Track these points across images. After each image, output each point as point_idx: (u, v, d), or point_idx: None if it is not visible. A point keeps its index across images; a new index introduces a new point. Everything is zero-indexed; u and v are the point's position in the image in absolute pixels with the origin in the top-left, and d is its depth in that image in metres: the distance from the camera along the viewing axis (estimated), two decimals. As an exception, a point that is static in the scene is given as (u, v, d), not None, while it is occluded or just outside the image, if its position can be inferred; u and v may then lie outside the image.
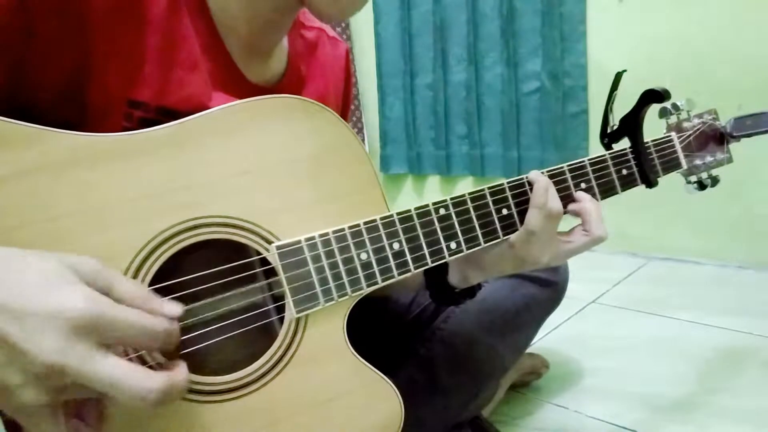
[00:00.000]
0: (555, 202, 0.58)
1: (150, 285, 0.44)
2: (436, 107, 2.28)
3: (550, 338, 1.25)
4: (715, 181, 0.73)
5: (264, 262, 0.49)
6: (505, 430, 0.92)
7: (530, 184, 0.60)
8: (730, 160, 0.74)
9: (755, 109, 0.76)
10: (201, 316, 0.48)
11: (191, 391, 0.45)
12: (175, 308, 0.38)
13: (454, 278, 0.64)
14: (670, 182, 0.78)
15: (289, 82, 0.64)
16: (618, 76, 0.68)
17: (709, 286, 1.57)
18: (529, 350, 1.00)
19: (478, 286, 0.67)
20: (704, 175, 0.74)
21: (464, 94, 2.20)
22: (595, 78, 1.89)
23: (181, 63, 0.52)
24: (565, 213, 0.60)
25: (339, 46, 0.74)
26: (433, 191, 2.42)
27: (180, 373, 0.37)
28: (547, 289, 0.86)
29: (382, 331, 0.79)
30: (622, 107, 0.68)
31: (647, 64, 1.74)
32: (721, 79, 1.61)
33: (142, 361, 0.43)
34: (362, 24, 2.47)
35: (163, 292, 0.44)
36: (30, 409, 0.33)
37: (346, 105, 0.76)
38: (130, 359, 0.34)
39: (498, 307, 0.80)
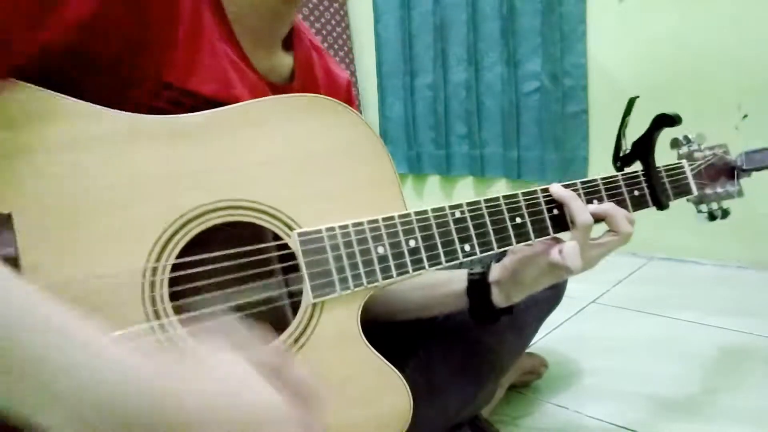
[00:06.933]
0: (584, 216, 0.60)
1: (177, 258, 0.46)
2: (436, 107, 2.28)
3: (550, 338, 1.25)
4: (725, 213, 0.75)
5: (284, 254, 0.51)
6: (505, 430, 0.92)
7: (544, 195, 0.62)
8: (740, 194, 0.75)
9: (755, 109, 0.76)
10: (219, 303, 0.49)
11: None
12: None
13: (497, 298, 0.67)
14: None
15: (302, 86, 0.67)
16: (631, 102, 0.69)
17: (709, 286, 1.57)
18: (528, 350, 1.00)
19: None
20: (714, 206, 0.75)
21: (464, 94, 2.20)
22: (595, 78, 1.89)
23: (204, 49, 0.54)
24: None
25: (341, 73, 0.76)
26: (433, 191, 2.43)
27: None
28: (546, 289, 0.85)
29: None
30: (620, 103, 0.69)
31: (647, 64, 1.74)
32: (721, 79, 1.60)
33: None
34: (362, 24, 2.47)
35: (185, 267, 0.47)
36: None
37: None
38: None
39: (497, 307, 0.80)
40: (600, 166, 1.89)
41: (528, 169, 2.07)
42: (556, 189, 0.62)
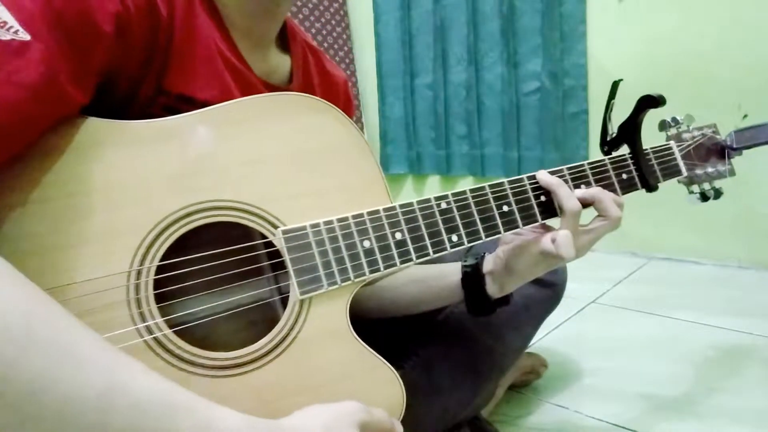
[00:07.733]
0: (571, 202, 0.60)
1: (160, 261, 0.46)
2: (436, 107, 2.28)
3: (550, 338, 1.25)
4: (718, 193, 0.74)
5: (271, 252, 0.51)
6: (505, 430, 0.92)
7: (531, 183, 0.61)
8: (732, 173, 0.74)
9: (755, 109, 0.76)
10: (207, 304, 0.49)
11: (192, 363, 0.46)
12: None
13: (491, 289, 0.66)
14: (670, 182, 0.78)
15: (300, 87, 0.66)
16: (615, 85, 0.69)
17: (709, 286, 1.57)
18: (528, 350, 1.01)
19: (511, 294, 0.68)
20: (707, 186, 0.74)
21: (464, 94, 2.20)
22: (595, 78, 1.89)
23: (199, 53, 0.54)
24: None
25: (338, 73, 0.75)
26: (433, 191, 2.42)
27: None
28: (546, 289, 0.85)
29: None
30: (620, 103, 0.69)
31: (647, 63, 1.75)
32: (721, 79, 1.60)
33: None
34: (362, 24, 2.47)
35: (170, 268, 0.46)
36: None
37: None
38: None
39: (497, 307, 0.80)
40: (600, 166, 1.89)
41: (528, 169, 2.06)
42: (543, 176, 0.61)
